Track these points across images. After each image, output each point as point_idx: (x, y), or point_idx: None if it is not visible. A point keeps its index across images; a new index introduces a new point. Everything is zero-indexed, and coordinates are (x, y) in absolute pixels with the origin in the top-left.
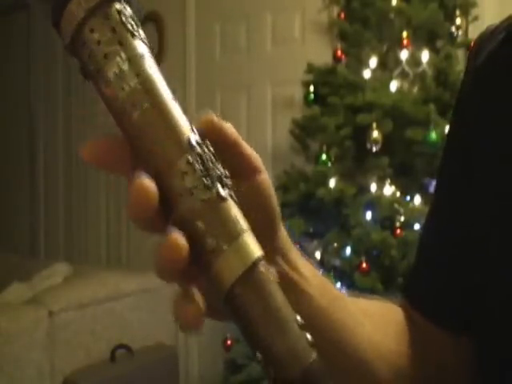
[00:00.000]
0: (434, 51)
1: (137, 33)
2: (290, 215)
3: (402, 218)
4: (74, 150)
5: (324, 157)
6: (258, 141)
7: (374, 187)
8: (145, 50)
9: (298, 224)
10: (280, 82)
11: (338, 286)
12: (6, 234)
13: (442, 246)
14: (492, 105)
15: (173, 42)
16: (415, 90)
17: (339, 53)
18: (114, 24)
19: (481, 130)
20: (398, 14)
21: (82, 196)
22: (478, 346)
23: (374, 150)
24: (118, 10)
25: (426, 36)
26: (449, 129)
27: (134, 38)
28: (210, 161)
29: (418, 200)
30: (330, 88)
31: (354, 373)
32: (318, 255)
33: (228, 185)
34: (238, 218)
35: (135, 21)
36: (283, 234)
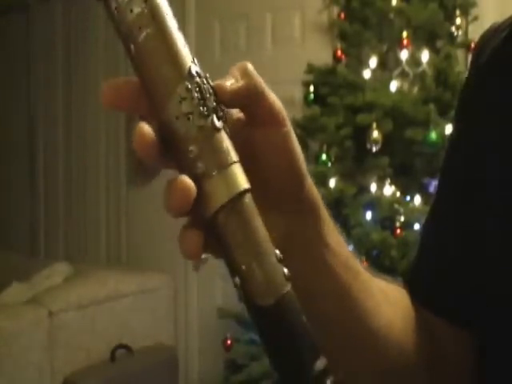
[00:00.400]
0: (434, 51)
1: None
2: None
3: (402, 218)
4: (74, 150)
5: (324, 157)
6: None
7: (373, 187)
8: None
9: None
10: (280, 82)
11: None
12: (5, 234)
13: (445, 238)
14: (495, 103)
15: None
16: (415, 90)
17: (339, 53)
18: None
19: (484, 128)
20: (398, 14)
21: (81, 196)
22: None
23: (374, 150)
24: None
25: (425, 36)
26: (452, 126)
27: None
28: (207, 92)
29: (418, 200)
30: (330, 88)
31: (361, 344)
32: None
33: (223, 118)
34: (230, 150)
35: None
36: (312, 191)
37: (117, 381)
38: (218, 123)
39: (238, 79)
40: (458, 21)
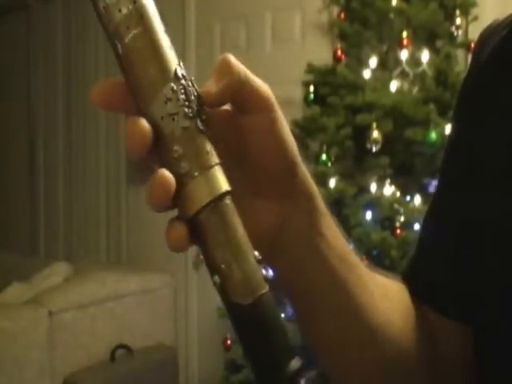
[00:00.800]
0: (434, 51)
1: None
2: None
3: (402, 218)
4: (73, 150)
5: (324, 157)
6: None
7: (374, 187)
8: None
9: None
10: (280, 82)
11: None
12: (5, 234)
13: (444, 234)
14: (495, 102)
15: (173, 41)
16: (415, 90)
17: (339, 53)
18: None
19: (484, 127)
20: (398, 13)
21: (81, 196)
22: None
23: (374, 150)
24: None
25: (425, 36)
26: (451, 125)
27: None
28: (192, 94)
29: (418, 200)
30: (329, 88)
31: (357, 337)
32: None
33: (206, 122)
34: (213, 153)
35: None
36: (306, 181)
37: (117, 381)
38: (201, 126)
39: (221, 79)
40: (458, 21)
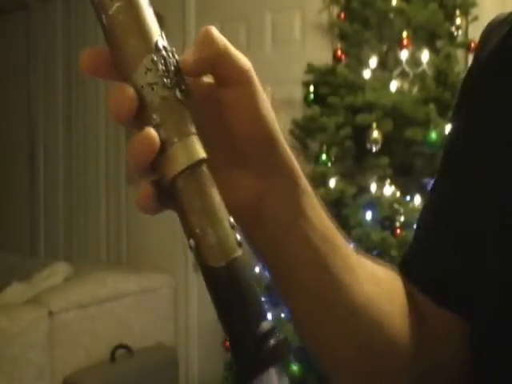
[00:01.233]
0: (434, 51)
1: None
2: None
3: (402, 218)
4: (73, 151)
5: (324, 157)
6: None
7: (373, 187)
8: None
9: None
10: (280, 82)
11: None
12: (6, 234)
13: (442, 224)
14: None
15: (173, 41)
16: (415, 90)
17: (339, 53)
18: None
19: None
20: (398, 13)
21: (81, 196)
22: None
23: (374, 150)
24: None
25: (425, 36)
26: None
27: None
28: (172, 65)
29: (417, 200)
30: (329, 88)
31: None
32: None
33: (186, 92)
34: (191, 122)
35: None
36: (289, 159)
37: (117, 381)
38: (180, 96)
39: (201, 49)
40: (458, 21)
